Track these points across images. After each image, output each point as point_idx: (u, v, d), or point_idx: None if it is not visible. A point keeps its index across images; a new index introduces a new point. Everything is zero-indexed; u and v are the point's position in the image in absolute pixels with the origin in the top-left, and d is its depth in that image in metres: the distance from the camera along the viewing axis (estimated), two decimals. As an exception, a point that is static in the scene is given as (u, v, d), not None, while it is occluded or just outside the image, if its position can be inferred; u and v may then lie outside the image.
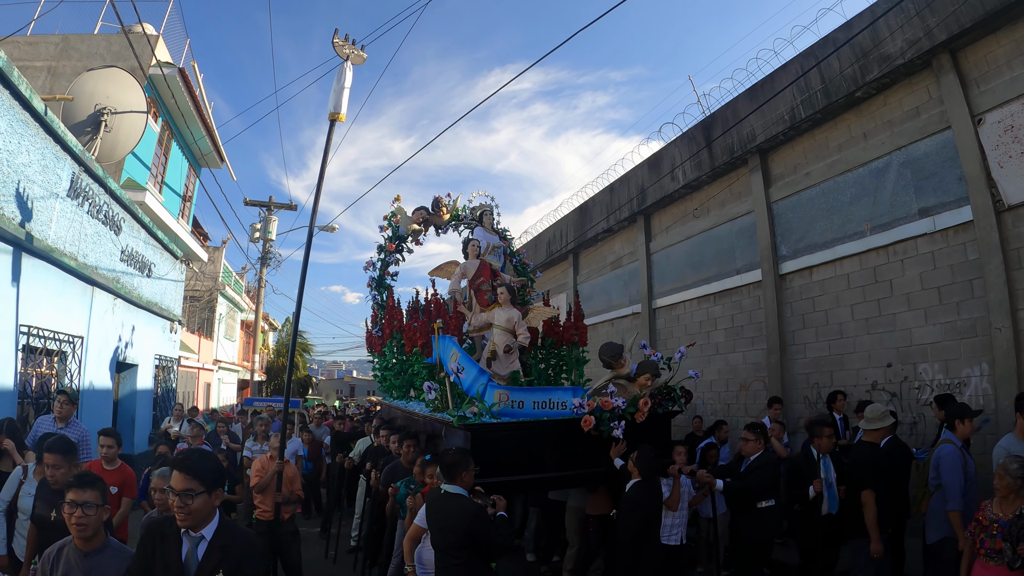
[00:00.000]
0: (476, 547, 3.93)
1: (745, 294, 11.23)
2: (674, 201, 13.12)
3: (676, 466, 5.73)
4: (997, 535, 4.00)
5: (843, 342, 9.21)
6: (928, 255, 8.09)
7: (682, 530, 5.72)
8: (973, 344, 7.53)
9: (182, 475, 2.67)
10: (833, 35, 8.92)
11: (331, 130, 6.55)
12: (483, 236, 7.90)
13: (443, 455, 4.36)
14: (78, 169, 7.77)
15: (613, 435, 5.44)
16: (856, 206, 9.10)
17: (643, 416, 5.56)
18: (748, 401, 10.79)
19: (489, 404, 5.51)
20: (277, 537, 5.92)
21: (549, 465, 5.63)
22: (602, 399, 5.51)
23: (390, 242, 8.21)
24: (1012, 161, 7.11)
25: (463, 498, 4.10)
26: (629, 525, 4.77)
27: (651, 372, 5.85)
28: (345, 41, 6.71)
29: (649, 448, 5.03)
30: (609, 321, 15.78)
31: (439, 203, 8.23)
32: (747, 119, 10.35)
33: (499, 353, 6.49)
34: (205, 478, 2.70)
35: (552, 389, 6.10)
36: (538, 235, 19.41)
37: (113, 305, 9.27)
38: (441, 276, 7.92)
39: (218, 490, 2.79)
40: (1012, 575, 3.92)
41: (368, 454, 7.80)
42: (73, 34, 11.53)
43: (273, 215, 19.68)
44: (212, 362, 22.83)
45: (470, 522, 3.91)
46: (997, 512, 4.10)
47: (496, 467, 5.25)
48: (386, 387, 8.40)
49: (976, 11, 7.10)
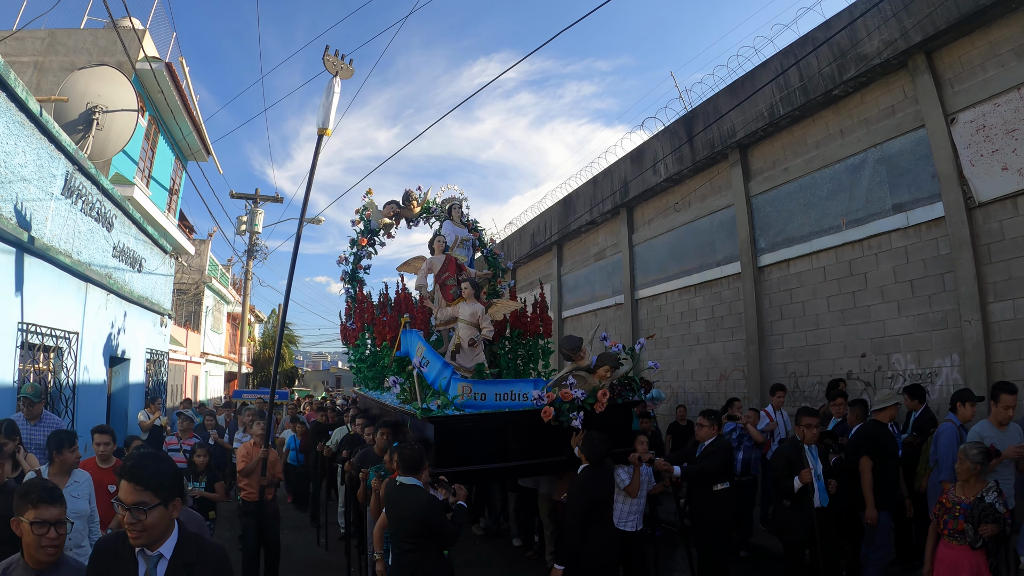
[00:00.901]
0: (429, 535, 4.15)
1: (725, 286, 11.34)
2: (656, 194, 13.18)
3: (636, 454, 5.81)
4: (960, 517, 4.19)
5: (819, 333, 9.35)
6: (901, 249, 8.22)
7: (639, 517, 5.80)
8: (944, 336, 7.68)
9: (132, 486, 2.24)
10: (812, 34, 8.99)
11: (319, 144, 6.59)
12: (451, 230, 7.98)
13: (401, 450, 4.51)
14: (72, 168, 7.73)
15: (572, 425, 5.52)
16: (833, 201, 9.21)
17: (602, 407, 5.64)
18: (728, 390, 10.91)
19: (452, 396, 5.67)
20: (262, 516, 6.30)
21: (512, 454, 5.74)
22: (562, 391, 5.59)
23: (362, 236, 8.28)
24: (983, 160, 7.23)
25: (418, 489, 4.27)
26: (575, 508, 4.84)
27: (610, 364, 5.90)
28: (335, 57, 6.72)
29: (595, 434, 5.10)
30: (592, 312, 15.86)
31: (409, 196, 8.29)
32: (728, 115, 10.40)
33: (464, 346, 6.64)
34: (160, 488, 2.28)
35: (514, 381, 6.26)
36: (522, 227, 19.42)
37: (106, 301, 9.21)
38: (408, 271, 8.02)
39: (175, 500, 2.36)
40: (974, 554, 4.12)
41: (344, 442, 7.88)
42: (59, 29, 11.33)
43: (259, 208, 19.51)
44: (199, 355, 22.62)
45: (424, 512, 4.11)
46: (959, 495, 4.29)
47: (460, 457, 5.41)
48: (360, 378, 8.52)
49: (951, 14, 7.19)
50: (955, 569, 4.16)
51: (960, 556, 4.16)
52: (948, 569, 4.21)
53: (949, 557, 4.23)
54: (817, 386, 9.24)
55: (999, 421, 5.09)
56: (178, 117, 13.21)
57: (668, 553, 7.56)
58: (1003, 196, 7.08)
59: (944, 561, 4.26)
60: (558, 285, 17.45)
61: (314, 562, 7.61)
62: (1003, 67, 7.07)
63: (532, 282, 18.40)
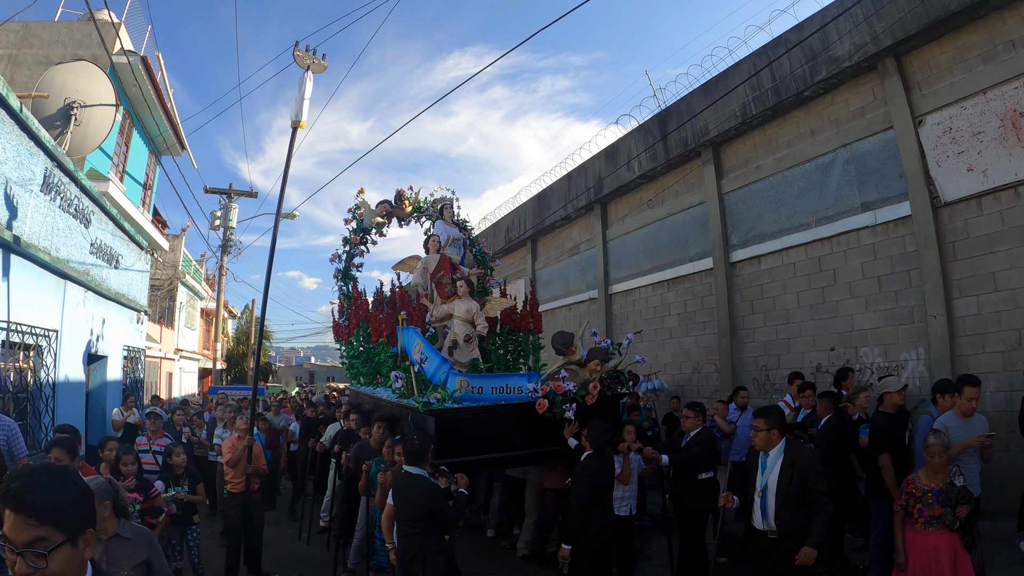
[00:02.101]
0: (431, 520, 4.36)
1: (697, 281, 11.41)
2: (630, 191, 13.20)
3: (626, 444, 5.94)
4: (934, 503, 4.24)
5: (789, 327, 9.45)
6: (869, 246, 8.34)
7: (632, 501, 5.98)
8: (910, 330, 7.82)
9: (21, 518, 1.45)
10: (785, 36, 9.05)
11: (293, 136, 6.76)
12: (443, 229, 7.97)
13: (406, 441, 4.70)
14: (51, 164, 7.52)
15: (565, 416, 5.66)
16: (803, 199, 9.30)
17: (593, 399, 5.81)
18: (700, 382, 11.01)
19: (451, 390, 5.76)
20: (248, 506, 6.35)
21: (509, 445, 5.86)
22: (555, 383, 5.72)
23: (355, 234, 8.25)
24: (950, 161, 7.35)
25: (422, 478, 4.47)
26: (580, 492, 5.01)
27: (600, 358, 6.06)
28: (306, 52, 6.93)
29: (598, 423, 5.27)
30: (567, 306, 15.86)
31: (402, 196, 8.28)
32: (701, 114, 10.45)
33: (459, 342, 6.69)
34: (63, 519, 1.51)
35: (509, 375, 6.40)
36: (497, 222, 19.34)
37: (84, 298, 8.95)
38: (404, 270, 8.01)
39: (87, 533, 1.58)
40: (951, 536, 4.19)
41: (338, 438, 7.84)
42: (34, 21, 10.93)
43: (233, 203, 19.11)
44: (174, 351, 22.02)
45: (427, 498, 4.33)
46: (928, 483, 4.34)
47: (460, 448, 5.54)
48: (354, 374, 8.50)
49: (921, 19, 7.29)
50: (934, 553, 4.22)
51: (937, 540, 4.22)
52: (926, 555, 4.26)
53: (925, 543, 4.28)
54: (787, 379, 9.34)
55: (963, 412, 5.22)
56: (153, 111, 12.83)
57: (644, 542, 7.62)
58: (968, 196, 7.23)
59: (921, 548, 4.31)
60: (532, 280, 17.41)
61: (296, 556, 7.52)
62: (970, 71, 7.19)
63: (506, 277, 18.35)
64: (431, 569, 4.33)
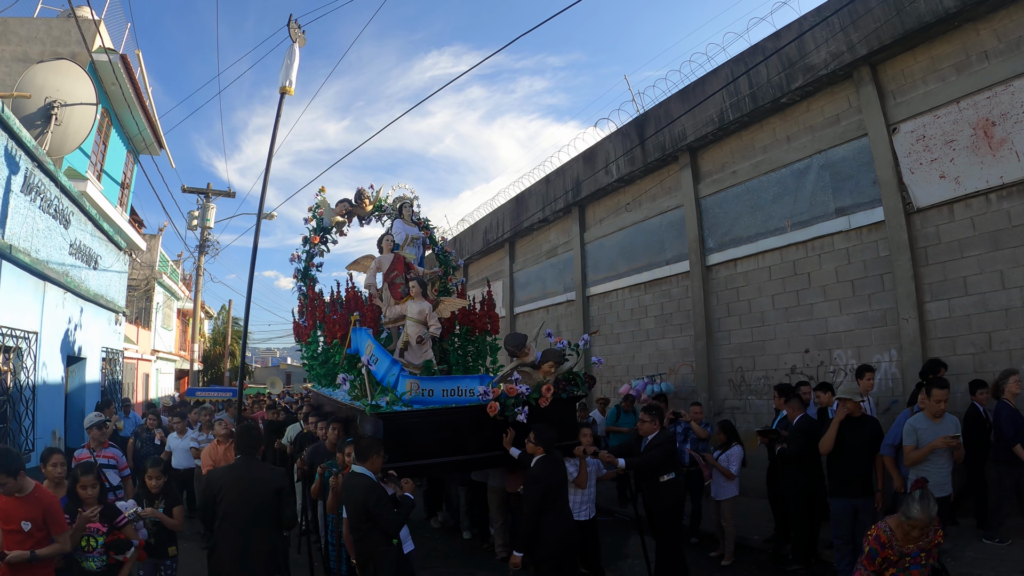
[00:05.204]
0: (372, 522, 4.16)
1: (674, 284, 11.33)
2: (608, 194, 13.09)
3: (581, 447, 5.79)
4: (912, 567, 3.68)
5: (764, 329, 9.40)
6: (843, 251, 8.32)
7: (591, 506, 5.84)
8: (883, 333, 7.79)
9: None
10: (762, 44, 9.00)
11: (281, 102, 7.32)
12: (402, 228, 7.82)
13: (357, 440, 4.64)
14: (31, 164, 7.28)
15: (518, 419, 5.51)
16: (778, 204, 9.25)
17: (546, 401, 5.66)
18: (677, 384, 10.90)
19: (400, 393, 5.62)
20: None
21: (460, 449, 5.71)
22: (507, 386, 5.60)
23: (315, 234, 8.10)
24: (923, 168, 7.33)
25: (364, 476, 4.30)
26: (531, 498, 4.83)
27: (554, 360, 5.91)
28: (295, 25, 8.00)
29: (542, 426, 5.10)
30: (544, 308, 15.71)
31: (362, 195, 8.13)
32: (679, 119, 10.37)
33: (412, 343, 6.59)
34: None
35: (460, 377, 6.26)
36: (475, 223, 19.11)
37: (63, 299, 8.64)
38: (358, 270, 7.90)
39: None
40: None
41: (298, 440, 7.71)
42: (12, 18, 10.56)
43: (211, 202, 18.67)
44: (150, 352, 21.41)
45: (365, 497, 4.14)
46: (905, 545, 3.68)
47: (409, 451, 5.39)
48: (313, 375, 8.40)
49: (896, 29, 7.26)
50: None
51: None
52: None
53: None
54: (763, 380, 9.31)
55: (933, 414, 5.21)
56: (132, 110, 12.45)
57: (621, 541, 7.52)
58: (940, 203, 7.23)
59: None
60: (510, 282, 17.24)
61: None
62: (943, 81, 7.18)
63: (484, 279, 18.15)
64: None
